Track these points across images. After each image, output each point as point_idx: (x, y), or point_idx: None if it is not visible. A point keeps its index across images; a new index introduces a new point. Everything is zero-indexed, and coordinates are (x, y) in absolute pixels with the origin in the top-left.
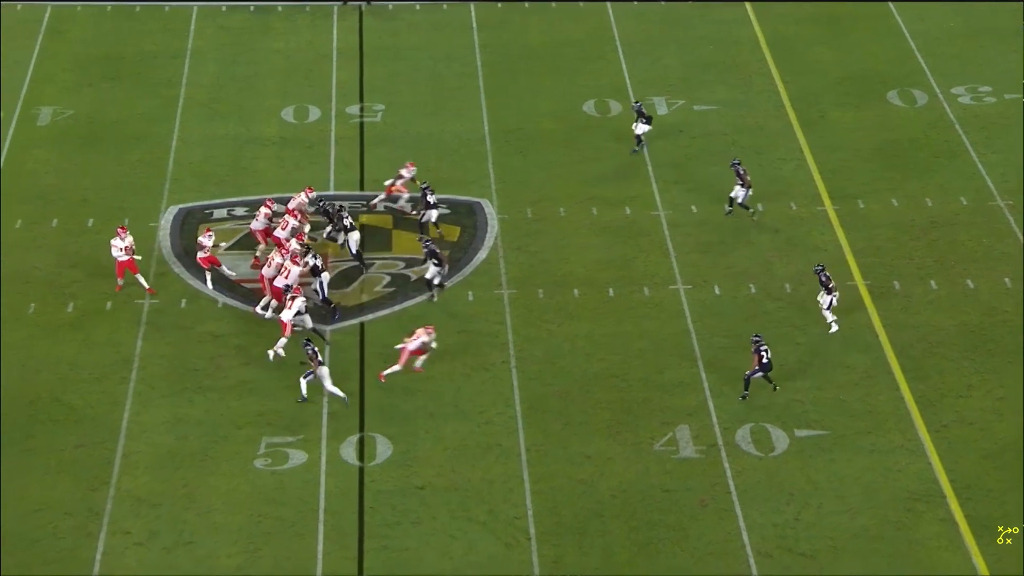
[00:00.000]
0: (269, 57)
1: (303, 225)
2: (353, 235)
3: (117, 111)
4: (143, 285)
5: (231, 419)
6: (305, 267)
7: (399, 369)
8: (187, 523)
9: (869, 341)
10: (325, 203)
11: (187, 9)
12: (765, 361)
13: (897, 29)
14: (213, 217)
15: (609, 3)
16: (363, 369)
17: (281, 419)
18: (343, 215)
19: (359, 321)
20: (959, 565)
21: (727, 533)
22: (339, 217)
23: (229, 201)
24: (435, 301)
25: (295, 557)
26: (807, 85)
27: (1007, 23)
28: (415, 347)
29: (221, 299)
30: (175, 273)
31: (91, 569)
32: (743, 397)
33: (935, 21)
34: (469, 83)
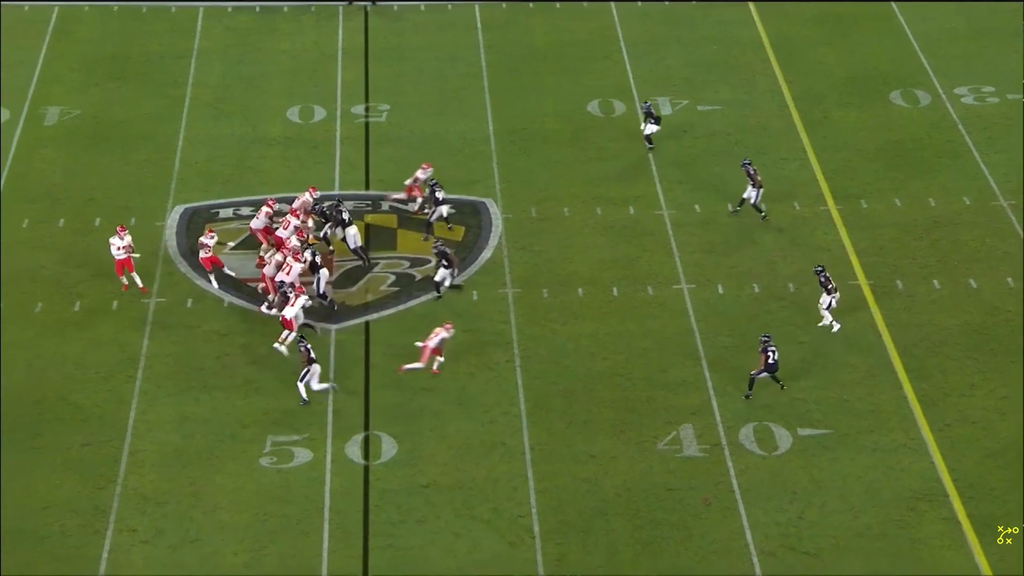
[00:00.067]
0: (275, 57)
1: (305, 223)
2: (350, 230)
3: (123, 111)
4: (137, 284)
5: (237, 418)
6: (304, 263)
7: (421, 366)
8: (193, 521)
9: (872, 340)
10: (320, 205)
11: (193, 10)
12: (771, 361)
13: (900, 29)
14: (219, 217)
15: (613, 3)
16: (368, 368)
17: (286, 418)
18: (340, 209)
19: (364, 320)
20: (962, 564)
21: (730, 532)
22: (337, 212)
23: (235, 201)
24: (439, 299)
25: (300, 555)
26: (810, 85)
27: (1009, 23)
28: (435, 344)
29: (227, 298)
30: (181, 272)
31: (98, 567)
32: (746, 396)
33: (938, 21)
34: (474, 83)
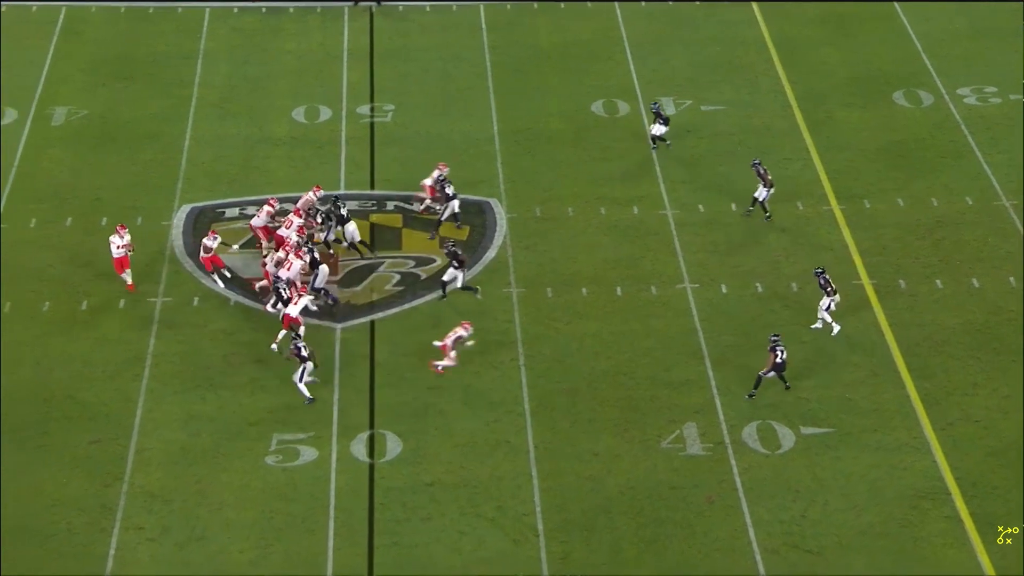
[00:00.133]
0: (280, 58)
1: (308, 223)
2: (349, 226)
3: (130, 111)
4: (126, 281)
5: (243, 416)
6: (305, 261)
7: (452, 364)
8: (199, 519)
9: (875, 340)
10: (317, 208)
11: (199, 10)
12: (779, 361)
13: (903, 30)
14: (225, 216)
15: (617, 4)
16: (373, 367)
17: (292, 416)
18: (339, 205)
19: (369, 319)
20: (964, 562)
21: (734, 530)
22: (335, 208)
23: (240, 200)
24: (443, 299)
25: (306, 553)
26: (813, 85)
27: (1012, 24)
28: (452, 341)
29: (233, 297)
30: (187, 271)
31: (104, 564)
32: (750, 396)
33: (941, 22)
34: (478, 83)
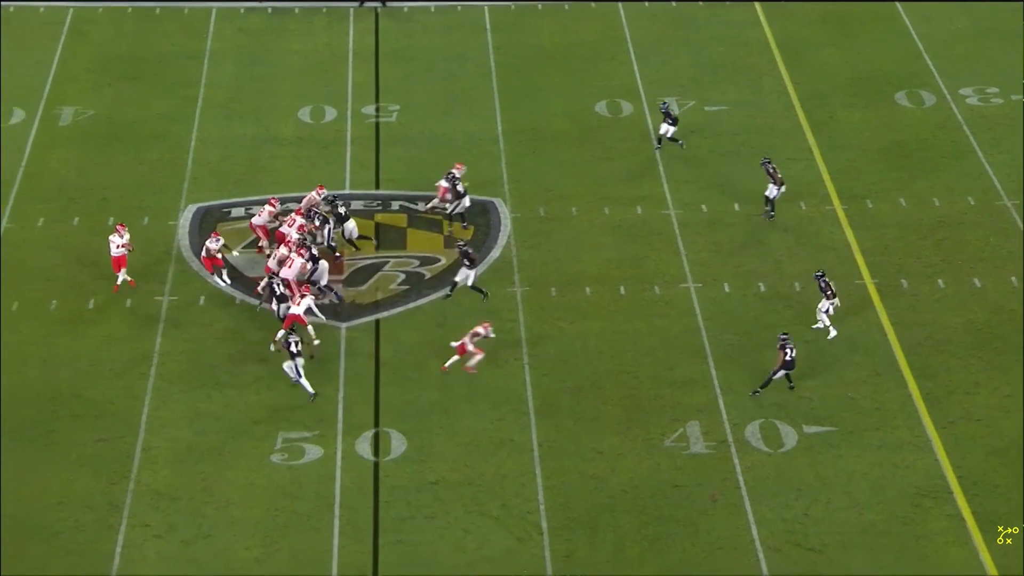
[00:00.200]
0: (286, 58)
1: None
2: (348, 224)
3: (137, 111)
4: (118, 280)
5: (248, 414)
6: (306, 259)
7: (481, 356)
8: (205, 516)
9: (877, 339)
10: (315, 211)
11: (206, 11)
12: (788, 359)
13: (905, 30)
14: (231, 216)
15: (620, 5)
16: (378, 365)
17: (297, 415)
18: (336, 204)
19: (374, 318)
20: (966, 560)
21: (737, 528)
22: (333, 208)
23: (246, 200)
24: (448, 298)
25: (311, 550)
26: (816, 86)
27: (1014, 24)
28: (470, 340)
29: (238, 296)
30: (193, 271)
31: (111, 562)
32: (754, 393)
33: (942, 22)
34: (483, 84)
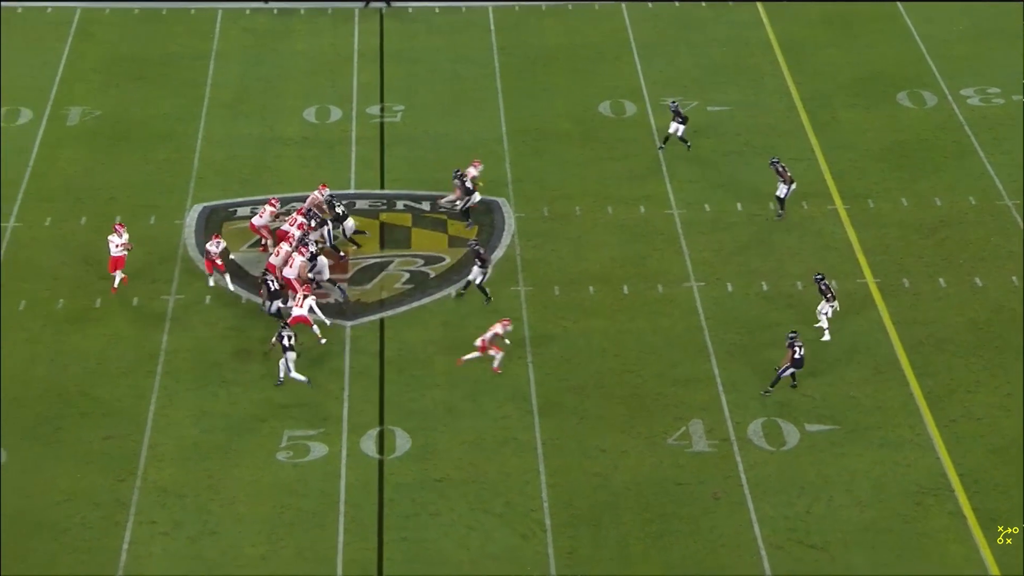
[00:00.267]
0: (292, 59)
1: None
2: (347, 222)
3: (144, 111)
4: (115, 281)
5: (254, 412)
6: (306, 257)
7: (502, 354)
8: (211, 514)
9: (879, 338)
10: (314, 214)
11: (212, 11)
12: (797, 357)
13: (907, 31)
14: (237, 215)
15: (624, 6)
16: (383, 364)
17: (303, 413)
18: (333, 204)
19: (379, 317)
20: (967, 557)
21: (739, 526)
22: (331, 207)
23: (252, 200)
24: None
25: (316, 547)
26: (818, 86)
27: (1015, 25)
28: (490, 338)
29: (244, 296)
30: (200, 270)
31: (118, 558)
32: (766, 392)
33: (944, 23)
34: (487, 84)
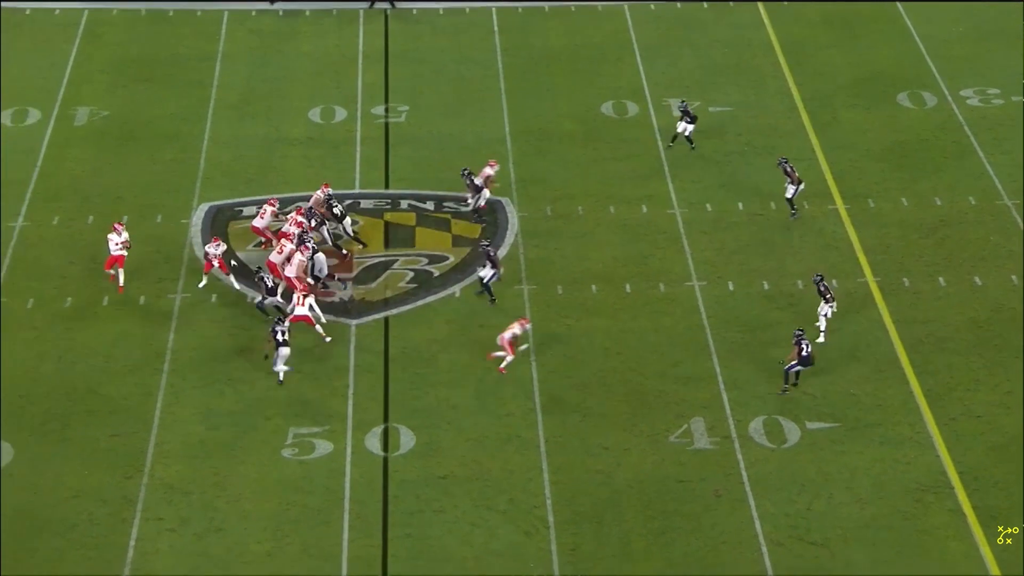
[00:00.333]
0: (297, 60)
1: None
2: (346, 221)
3: (151, 112)
4: (119, 280)
5: (260, 410)
6: (306, 251)
7: (512, 357)
8: (218, 510)
9: (879, 336)
10: (312, 213)
11: (218, 13)
12: (805, 354)
13: (907, 32)
14: (243, 215)
15: (626, 7)
16: (387, 362)
17: (308, 410)
18: (332, 204)
19: (383, 316)
20: (966, 554)
21: (740, 522)
22: (329, 206)
23: (258, 199)
24: (495, 304)
25: (321, 543)
26: (819, 87)
27: (1014, 25)
28: (509, 337)
29: (250, 294)
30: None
31: (125, 554)
32: (784, 391)
33: (944, 24)
34: (491, 85)
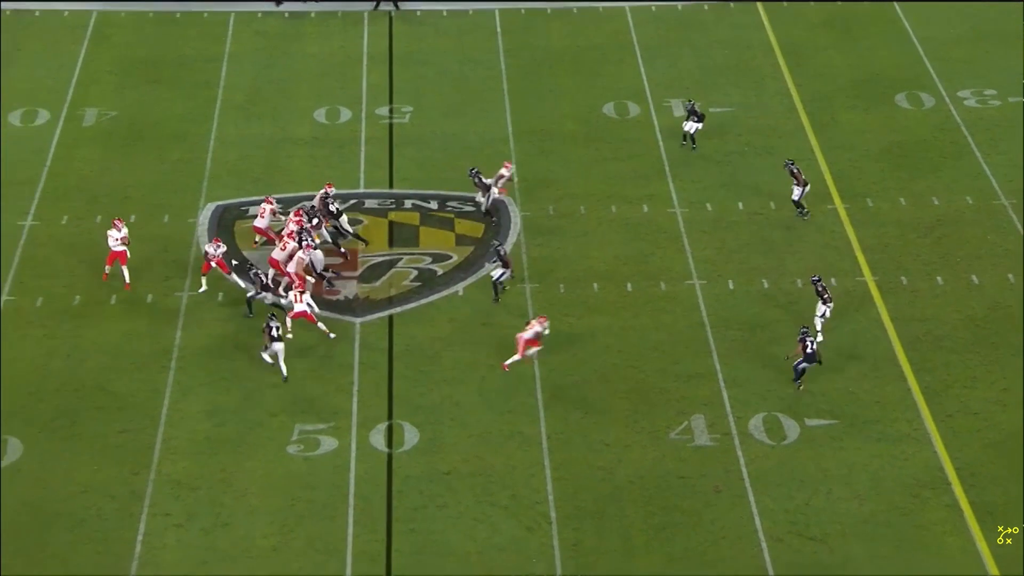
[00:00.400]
0: (303, 61)
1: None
2: (343, 219)
3: (158, 112)
4: (124, 277)
5: (265, 407)
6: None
7: (520, 358)
8: (224, 506)
9: (877, 334)
10: (309, 209)
11: (225, 15)
12: (809, 351)
13: (905, 34)
14: (249, 214)
15: (628, 8)
16: (391, 360)
17: (313, 407)
18: (328, 202)
19: (388, 314)
20: (963, 549)
21: (740, 518)
22: (325, 206)
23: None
24: (497, 303)
25: (327, 538)
26: (818, 88)
27: (1011, 27)
28: (530, 336)
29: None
30: (212, 267)
31: (133, 548)
32: (799, 387)
33: (941, 26)
34: (494, 85)
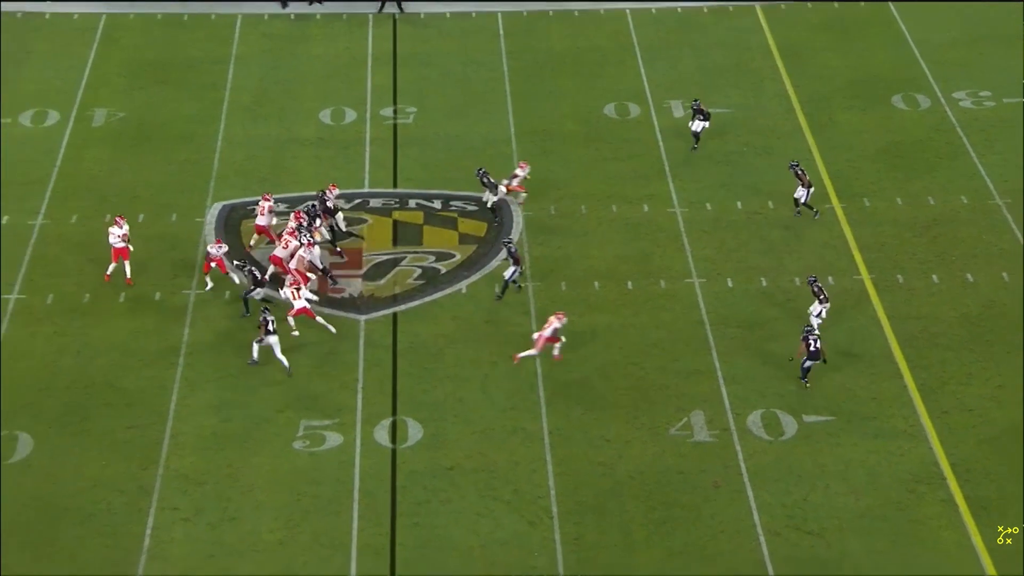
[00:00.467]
0: (308, 62)
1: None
2: (339, 216)
3: (166, 113)
4: (126, 274)
5: (272, 403)
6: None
7: (535, 353)
8: (231, 500)
9: (874, 332)
10: (308, 207)
11: (232, 17)
12: (813, 349)
13: (901, 36)
14: (255, 213)
15: (628, 10)
16: (395, 357)
17: (318, 403)
18: (325, 200)
19: (392, 312)
20: (958, 543)
21: (739, 513)
22: (322, 203)
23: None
24: (500, 300)
25: (332, 533)
26: (816, 89)
27: (1007, 29)
28: (549, 334)
29: (261, 291)
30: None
31: (141, 542)
32: (806, 385)
33: (937, 29)
34: (496, 87)
